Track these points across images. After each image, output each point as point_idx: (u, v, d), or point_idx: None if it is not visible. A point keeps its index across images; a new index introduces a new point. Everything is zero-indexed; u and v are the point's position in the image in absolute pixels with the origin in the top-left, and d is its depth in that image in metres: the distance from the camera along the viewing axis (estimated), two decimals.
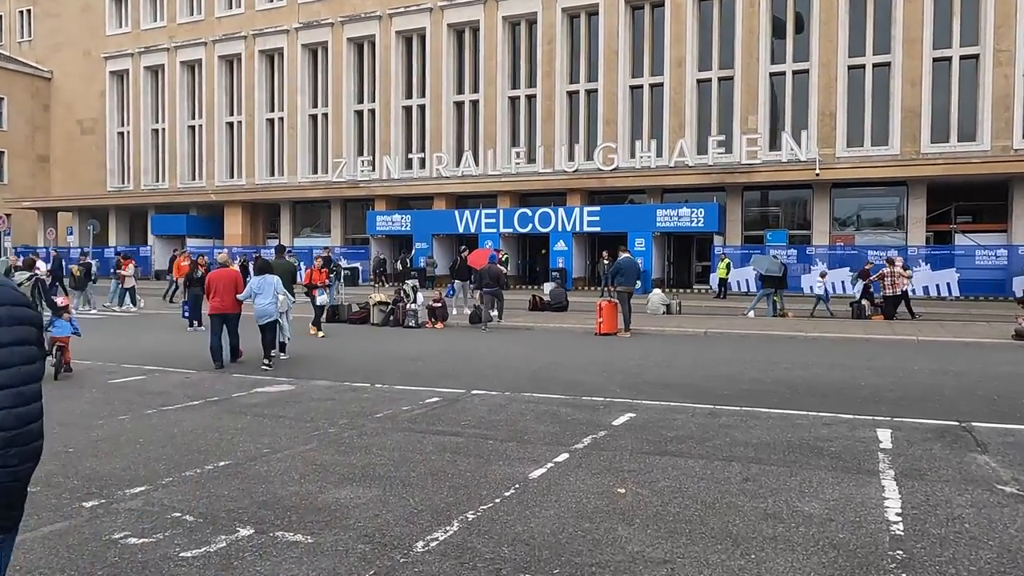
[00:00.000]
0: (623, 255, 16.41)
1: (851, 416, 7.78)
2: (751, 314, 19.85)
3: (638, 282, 16.62)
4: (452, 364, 11.91)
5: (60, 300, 11.98)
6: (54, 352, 10.71)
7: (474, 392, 9.35)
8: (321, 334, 16.12)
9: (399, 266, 34.92)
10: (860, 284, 20.28)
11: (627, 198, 35.55)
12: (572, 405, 8.44)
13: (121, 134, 49.54)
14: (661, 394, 9.10)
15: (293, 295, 13.66)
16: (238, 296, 12.07)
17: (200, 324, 17.53)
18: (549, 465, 5.93)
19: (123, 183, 49.18)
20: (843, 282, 28.97)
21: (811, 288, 26.46)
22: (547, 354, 13.06)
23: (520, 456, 6.22)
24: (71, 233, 47.94)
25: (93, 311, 21.41)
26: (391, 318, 18.63)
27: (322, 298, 16.60)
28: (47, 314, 11.09)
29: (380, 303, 19.07)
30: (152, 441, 6.84)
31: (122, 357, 12.79)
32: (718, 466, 5.88)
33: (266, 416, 7.96)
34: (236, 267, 14.73)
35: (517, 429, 7.25)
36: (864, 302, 19.54)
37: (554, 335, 16.43)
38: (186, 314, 17.85)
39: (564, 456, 6.20)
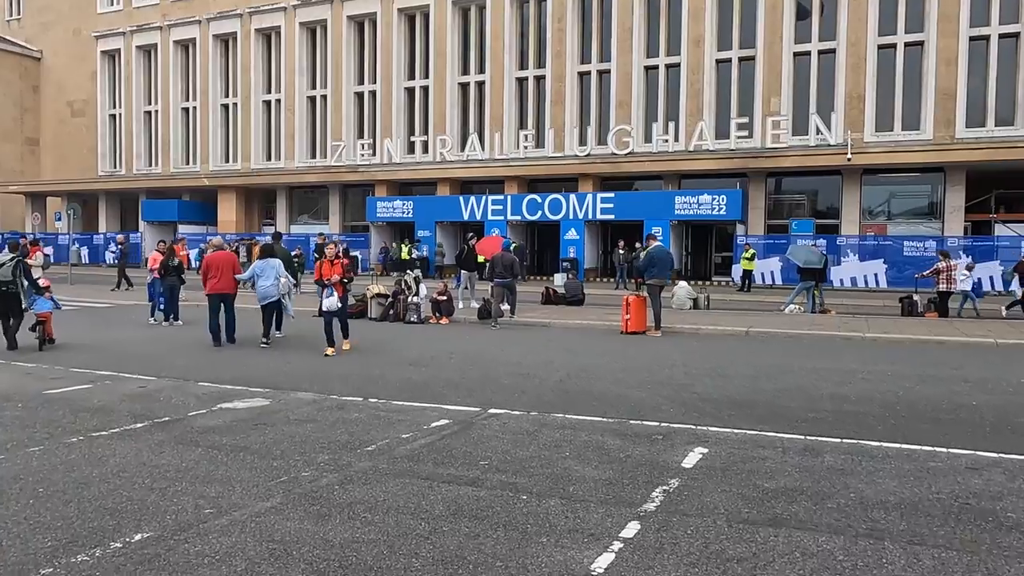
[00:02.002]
0: (654, 243, 14.45)
1: (995, 454, 5.88)
2: (789, 309, 17.97)
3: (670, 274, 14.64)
4: (461, 370, 10.03)
5: (42, 281, 13.00)
6: (36, 327, 12.06)
7: (491, 411, 7.47)
8: (347, 346, 11.85)
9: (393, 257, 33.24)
10: (1016, 280, 17.81)
11: (633, 185, 33.55)
12: (620, 433, 6.55)
13: (113, 116, 47.62)
14: (729, 417, 7.20)
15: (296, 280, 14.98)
16: (236, 277, 12.90)
17: (177, 318, 15.71)
18: (616, 545, 4.03)
19: (114, 167, 47.26)
20: (876, 275, 27.16)
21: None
22: (571, 357, 11.17)
23: (570, 526, 4.34)
24: (59, 219, 46.00)
25: None
26: (391, 312, 16.76)
27: (329, 301, 11.52)
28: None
29: (379, 295, 17.19)
30: (56, 492, 4.96)
31: (75, 359, 10.93)
32: (868, 550, 3.99)
33: (224, 448, 6.08)
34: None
35: (557, 474, 5.36)
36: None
37: (575, 333, 14.53)
38: (162, 307, 15.97)
39: (633, 527, 4.31)
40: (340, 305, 11.58)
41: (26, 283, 11.97)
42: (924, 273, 17.80)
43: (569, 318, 16.38)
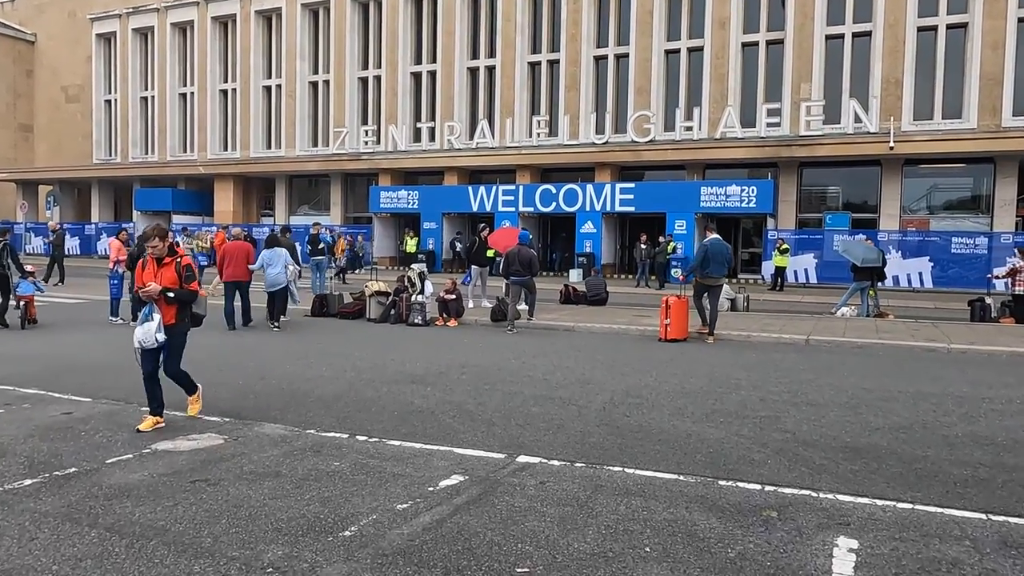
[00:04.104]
0: (712, 236, 12.33)
1: None
2: (842, 312, 15.90)
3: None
4: (476, 391, 8.03)
5: (29, 266, 13.93)
6: (20, 307, 13.27)
7: (521, 460, 5.47)
8: (193, 408, 6.87)
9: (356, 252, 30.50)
10: None
11: (644, 175, 31.43)
12: (713, 505, 4.54)
13: (108, 102, 45.77)
14: (855, 475, 5.17)
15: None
16: (250, 266, 13.54)
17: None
18: None
19: (110, 155, 45.39)
20: (920, 274, 25.07)
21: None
22: (610, 374, 9.15)
23: None
24: (50, 207, 44.17)
25: None
26: (392, 312, 14.77)
27: (144, 329, 6.37)
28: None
29: (379, 293, 15.20)
30: None
31: (2, 369, 8.97)
32: None
33: (130, 532, 4.08)
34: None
35: None
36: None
37: (605, 340, 12.49)
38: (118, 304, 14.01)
39: None
40: (163, 339, 6.34)
41: (13, 266, 13.03)
42: (999, 274, 15.66)
43: (594, 321, 14.35)
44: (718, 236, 12.42)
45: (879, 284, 16.95)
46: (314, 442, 5.96)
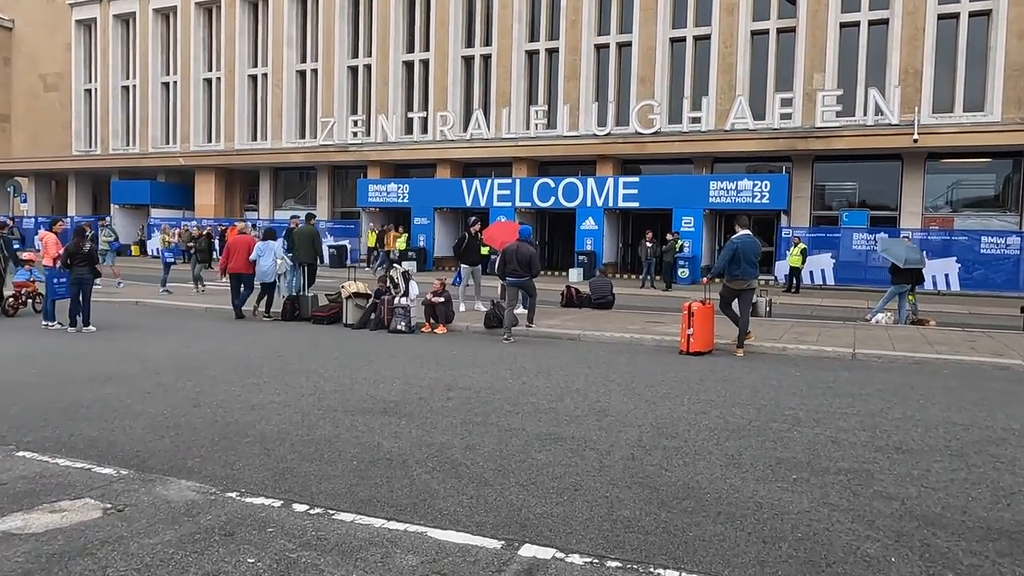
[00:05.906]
0: (742, 231, 10.57)
1: None
2: (878, 319, 14.18)
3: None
4: (464, 427, 6.26)
5: (25, 255, 14.59)
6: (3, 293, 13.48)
7: (526, 554, 3.70)
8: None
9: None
10: None
11: (648, 169, 29.67)
12: None
13: (88, 91, 43.87)
14: None
15: (321, 259, 16.19)
16: (251, 259, 13.80)
17: (87, 323, 11.95)
18: None
19: (90, 146, 43.48)
20: (947, 276, 23.41)
21: None
22: (631, 401, 7.39)
23: None
24: (24, 200, 42.29)
25: None
26: (372, 317, 13.00)
27: None
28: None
29: (357, 295, 13.42)
30: None
31: None
32: None
33: None
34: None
35: None
36: None
37: (618, 353, 10.71)
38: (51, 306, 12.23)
39: None
40: None
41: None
42: None
43: (602, 328, 12.60)
44: (749, 232, 10.66)
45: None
46: (231, 515, 4.19)
